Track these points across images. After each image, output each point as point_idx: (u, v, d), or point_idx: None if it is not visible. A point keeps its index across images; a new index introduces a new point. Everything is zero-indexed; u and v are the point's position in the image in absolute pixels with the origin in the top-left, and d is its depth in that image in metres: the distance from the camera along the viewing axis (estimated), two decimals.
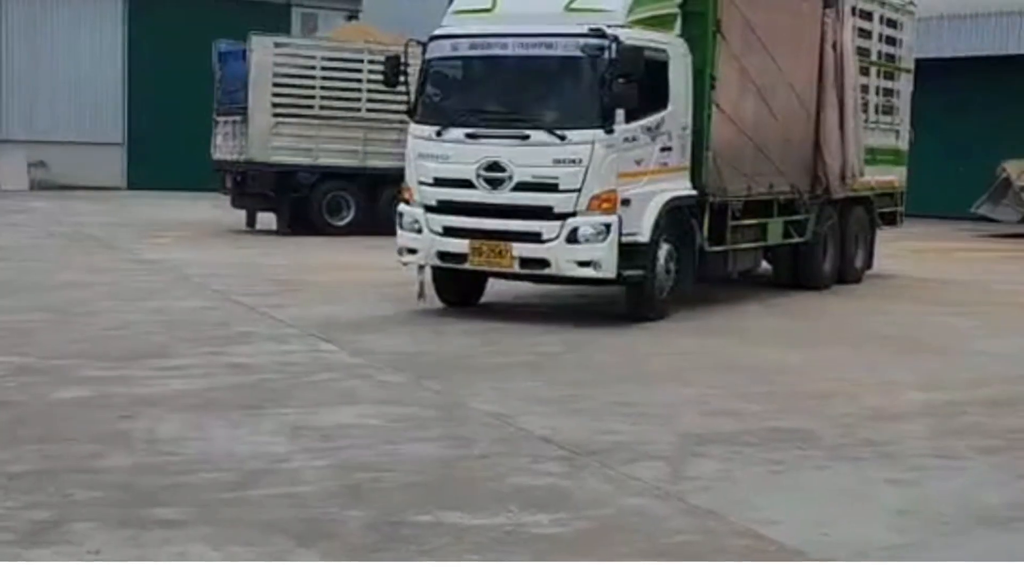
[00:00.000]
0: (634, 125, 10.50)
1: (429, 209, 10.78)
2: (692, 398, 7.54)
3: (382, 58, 19.80)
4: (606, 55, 10.15)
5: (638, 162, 10.62)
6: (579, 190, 10.22)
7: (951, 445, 6.57)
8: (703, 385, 7.98)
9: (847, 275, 14.53)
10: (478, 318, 10.56)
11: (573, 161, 10.25)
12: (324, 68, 19.46)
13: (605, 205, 10.30)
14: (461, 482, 5.54)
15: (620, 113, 10.30)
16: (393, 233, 18.75)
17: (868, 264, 15.26)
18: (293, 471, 5.60)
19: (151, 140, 29.58)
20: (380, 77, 19.24)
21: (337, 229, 19.23)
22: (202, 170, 29.44)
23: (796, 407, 7.38)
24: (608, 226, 10.28)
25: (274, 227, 19.27)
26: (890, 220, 15.95)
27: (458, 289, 11.52)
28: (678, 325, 10.53)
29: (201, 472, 5.51)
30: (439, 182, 10.74)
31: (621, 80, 10.22)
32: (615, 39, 10.21)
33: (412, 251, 10.99)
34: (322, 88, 19.25)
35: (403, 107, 19.57)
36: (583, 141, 10.24)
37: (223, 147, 20.03)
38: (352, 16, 30.39)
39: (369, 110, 19.54)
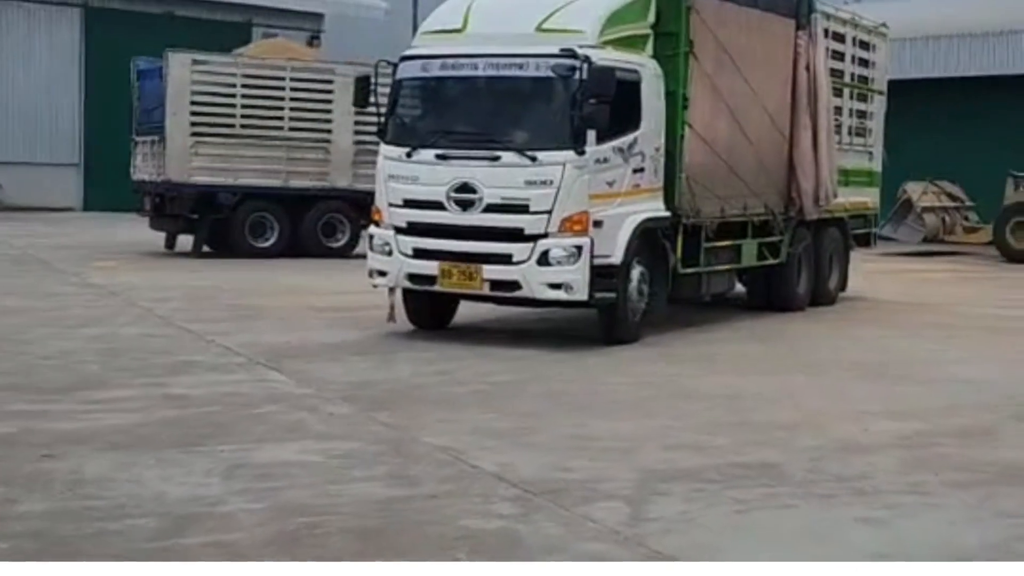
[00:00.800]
0: (606, 146, 10.04)
1: (399, 231, 10.28)
2: (654, 430, 6.95)
3: (304, 75, 19.07)
4: (577, 75, 9.68)
5: (610, 183, 10.14)
6: (550, 212, 9.76)
7: (924, 480, 6.05)
8: (667, 416, 7.39)
9: (822, 297, 14.04)
10: (439, 343, 9.95)
11: (544, 182, 9.78)
12: (244, 86, 18.17)
13: (576, 227, 9.83)
14: (406, 526, 4.97)
15: (592, 134, 9.85)
16: (319, 255, 18.05)
17: (842, 286, 14.79)
18: (226, 516, 5.01)
19: (108, 161, 27.51)
20: (302, 95, 18.65)
21: (260, 251, 17.91)
22: None
23: (763, 439, 6.81)
24: (579, 248, 9.79)
25: (207, 249, 17.98)
26: (864, 241, 15.52)
27: (429, 311, 11.01)
28: (644, 351, 9.94)
29: (125, 519, 4.91)
30: (409, 203, 10.25)
31: (592, 101, 9.76)
32: (586, 59, 9.74)
33: (382, 273, 10.50)
34: (243, 106, 18.08)
35: (327, 126, 18.88)
36: (554, 162, 9.78)
37: (142, 167, 19.03)
38: (315, 37, 29.81)
39: (292, 129, 18.33)
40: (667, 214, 10.83)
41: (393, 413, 7.22)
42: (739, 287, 13.33)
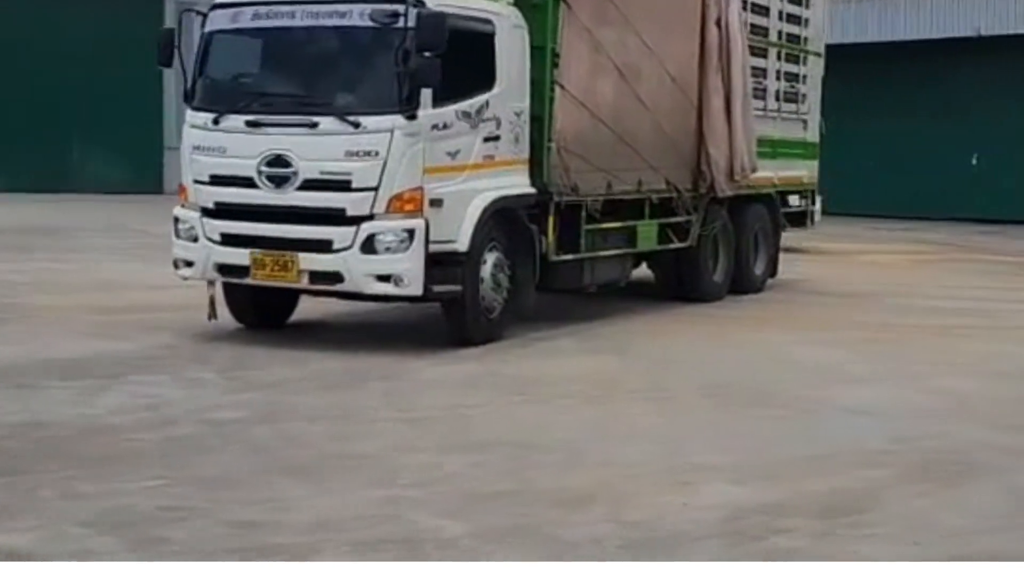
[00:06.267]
0: (446, 109, 8.32)
1: (206, 212, 8.61)
2: (376, 506, 4.92)
3: None
4: (403, 24, 8.08)
5: (452, 154, 8.45)
6: (376, 188, 8.11)
7: None
8: (413, 479, 5.34)
9: (745, 284, 12.47)
10: (213, 354, 8.14)
11: (368, 153, 8.12)
12: None
13: (408, 207, 8.18)
14: None
15: (426, 94, 8.14)
16: None
17: (772, 271, 13.45)
18: None
19: None
20: None
21: None
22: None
23: (523, 523, 4.76)
24: (411, 232, 8.17)
25: None
26: (798, 221, 14.16)
27: (254, 307, 9.40)
28: (453, 369, 7.91)
29: None
30: (216, 180, 8.56)
31: (426, 55, 8.43)
32: (415, 4, 8.08)
33: (188, 263, 8.88)
34: None
35: None
36: (380, 129, 8.10)
37: None
38: None
39: None
40: (532, 191, 9.19)
41: (11, 482, 5.15)
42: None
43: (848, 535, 4.75)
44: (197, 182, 8.79)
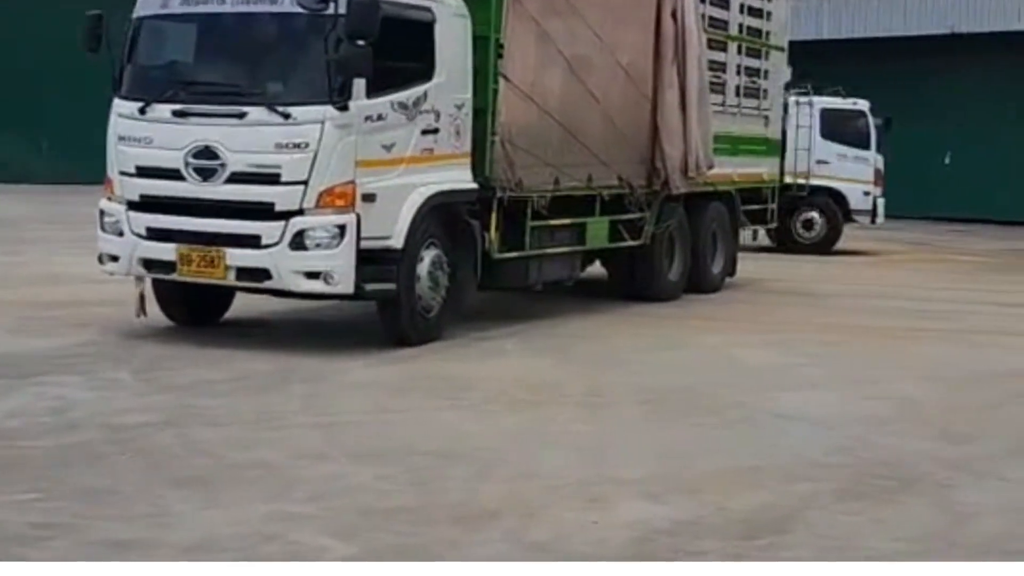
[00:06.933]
0: (381, 100, 7.95)
1: (131, 206, 8.23)
2: (258, 524, 4.54)
3: None
4: (332, 10, 7.69)
5: (388, 147, 8.07)
6: (306, 182, 7.74)
7: None
8: (307, 493, 4.95)
9: (703, 283, 12.20)
10: (133, 352, 7.72)
11: (299, 145, 7.75)
12: None
13: (339, 201, 7.80)
14: None
15: (360, 85, 7.79)
16: None
17: (731, 270, 13.15)
18: None
19: None
20: None
21: None
22: None
23: (422, 541, 4.42)
24: (342, 228, 7.79)
25: None
26: (759, 219, 13.90)
27: (186, 304, 8.93)
28: (386, 370, 7.60)
29: None
30: (142, 172, 8.18)
31: (358, 43, 8.06)
32: None
33: (114, 258, 8.58)
34: None
35: None
36: (311, 120, 7.74)
37: None
38: None
39: None
40: (473, 186, 8.85)
41: None
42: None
43: (760, 557, 4.41)
44: (123, 174, 8.42)
